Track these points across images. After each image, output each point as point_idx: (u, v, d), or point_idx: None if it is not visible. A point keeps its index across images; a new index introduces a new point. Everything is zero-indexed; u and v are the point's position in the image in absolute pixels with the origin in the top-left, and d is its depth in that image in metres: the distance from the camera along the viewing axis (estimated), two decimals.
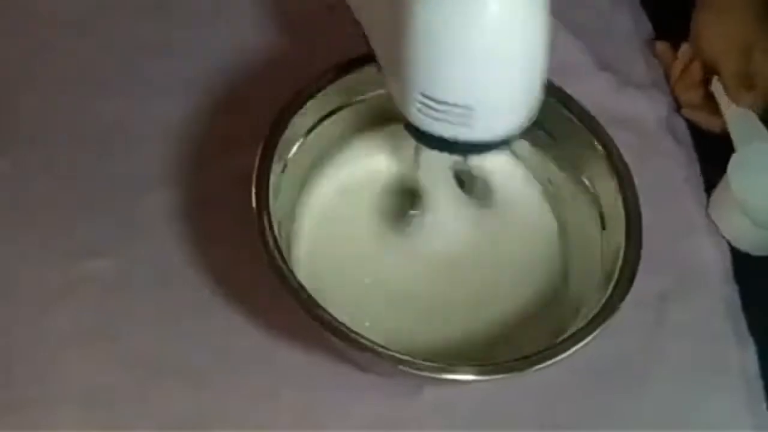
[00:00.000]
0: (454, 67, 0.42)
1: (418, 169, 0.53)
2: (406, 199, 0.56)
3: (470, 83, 0.42)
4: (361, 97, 0.55)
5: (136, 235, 0.59)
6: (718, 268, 0.61)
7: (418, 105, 0.44)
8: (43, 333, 0.55)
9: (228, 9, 0.69)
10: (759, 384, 0.57)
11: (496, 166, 0.58)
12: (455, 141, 0.44)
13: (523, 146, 0.57)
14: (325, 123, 0.54)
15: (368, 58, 0.50)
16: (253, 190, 0.49)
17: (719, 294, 0.60)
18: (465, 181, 0.56)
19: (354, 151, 0.57)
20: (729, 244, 0.62)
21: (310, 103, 0.52)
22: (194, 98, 0.64)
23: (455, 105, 0.43)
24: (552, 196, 0.58)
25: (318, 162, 0.56)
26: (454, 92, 0.43)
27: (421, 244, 0.55)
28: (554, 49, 0.67)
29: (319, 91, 0.52)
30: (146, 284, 0.57)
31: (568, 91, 0.54)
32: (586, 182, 0.54)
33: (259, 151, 0.50)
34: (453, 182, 0.55)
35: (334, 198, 0.57)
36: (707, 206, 0.63)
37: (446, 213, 0.56)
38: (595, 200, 0.54)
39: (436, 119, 0.44)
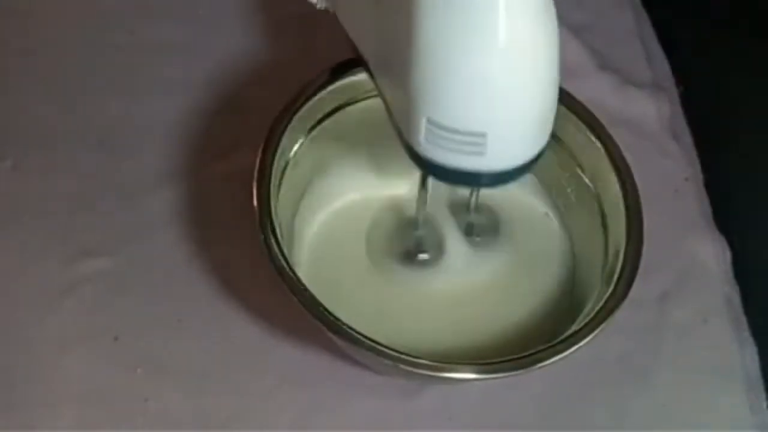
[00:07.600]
0: (466, 92, 0.38)
1: (425, 206, 0.51)
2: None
3: (483, 108, 0.39)
4: (365, 96, 0.55)
5: (136, 235, 0.59)
6: (718, 268, 0.61)
7: (425, 132, 0.40)
8: (44, 333, 0.55)
9: (229, 9, 0.69)
10: (760, 384, 0.57)
11: None
12: (466, 172, 0.41)
13: None
14: (327, 122, 0.54)
15: None
16: (255, 190, 0.49)
17: (719, 294, 0.60)
18: (471, 223, 0.55)
19: (357, 152, 0.57)
20: (729, 243, 0.62)
21: (311, 103, 0.52)
22: (194, 98, 0.64)
23: (467, 133, 0.39)
24: (554, 197, 0.58)
25: (320, 162, 0.56)
26: (466, 119, 0.39)
27: (429, 279, 0.55)
28: None
29: (320, 90, 0.52)
30: (146, 284, 0.57)
31: (568, 90, 0.54)
32: (588, 182, 0.54)
33: (260, 151, 0.50)
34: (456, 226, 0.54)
35: (336, 198, 0.57)
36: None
37: (457, 257, 0.55)
38: (597, 199, 0.54)
39: (446, 148, 0.40)
